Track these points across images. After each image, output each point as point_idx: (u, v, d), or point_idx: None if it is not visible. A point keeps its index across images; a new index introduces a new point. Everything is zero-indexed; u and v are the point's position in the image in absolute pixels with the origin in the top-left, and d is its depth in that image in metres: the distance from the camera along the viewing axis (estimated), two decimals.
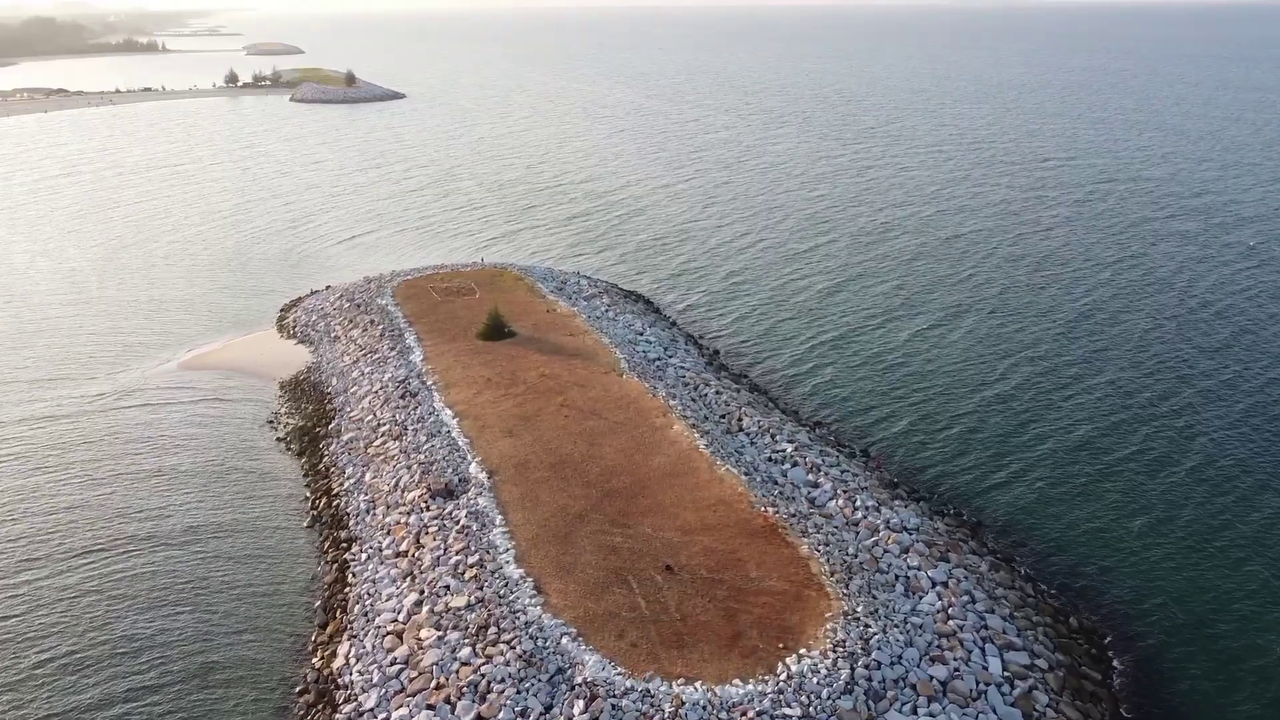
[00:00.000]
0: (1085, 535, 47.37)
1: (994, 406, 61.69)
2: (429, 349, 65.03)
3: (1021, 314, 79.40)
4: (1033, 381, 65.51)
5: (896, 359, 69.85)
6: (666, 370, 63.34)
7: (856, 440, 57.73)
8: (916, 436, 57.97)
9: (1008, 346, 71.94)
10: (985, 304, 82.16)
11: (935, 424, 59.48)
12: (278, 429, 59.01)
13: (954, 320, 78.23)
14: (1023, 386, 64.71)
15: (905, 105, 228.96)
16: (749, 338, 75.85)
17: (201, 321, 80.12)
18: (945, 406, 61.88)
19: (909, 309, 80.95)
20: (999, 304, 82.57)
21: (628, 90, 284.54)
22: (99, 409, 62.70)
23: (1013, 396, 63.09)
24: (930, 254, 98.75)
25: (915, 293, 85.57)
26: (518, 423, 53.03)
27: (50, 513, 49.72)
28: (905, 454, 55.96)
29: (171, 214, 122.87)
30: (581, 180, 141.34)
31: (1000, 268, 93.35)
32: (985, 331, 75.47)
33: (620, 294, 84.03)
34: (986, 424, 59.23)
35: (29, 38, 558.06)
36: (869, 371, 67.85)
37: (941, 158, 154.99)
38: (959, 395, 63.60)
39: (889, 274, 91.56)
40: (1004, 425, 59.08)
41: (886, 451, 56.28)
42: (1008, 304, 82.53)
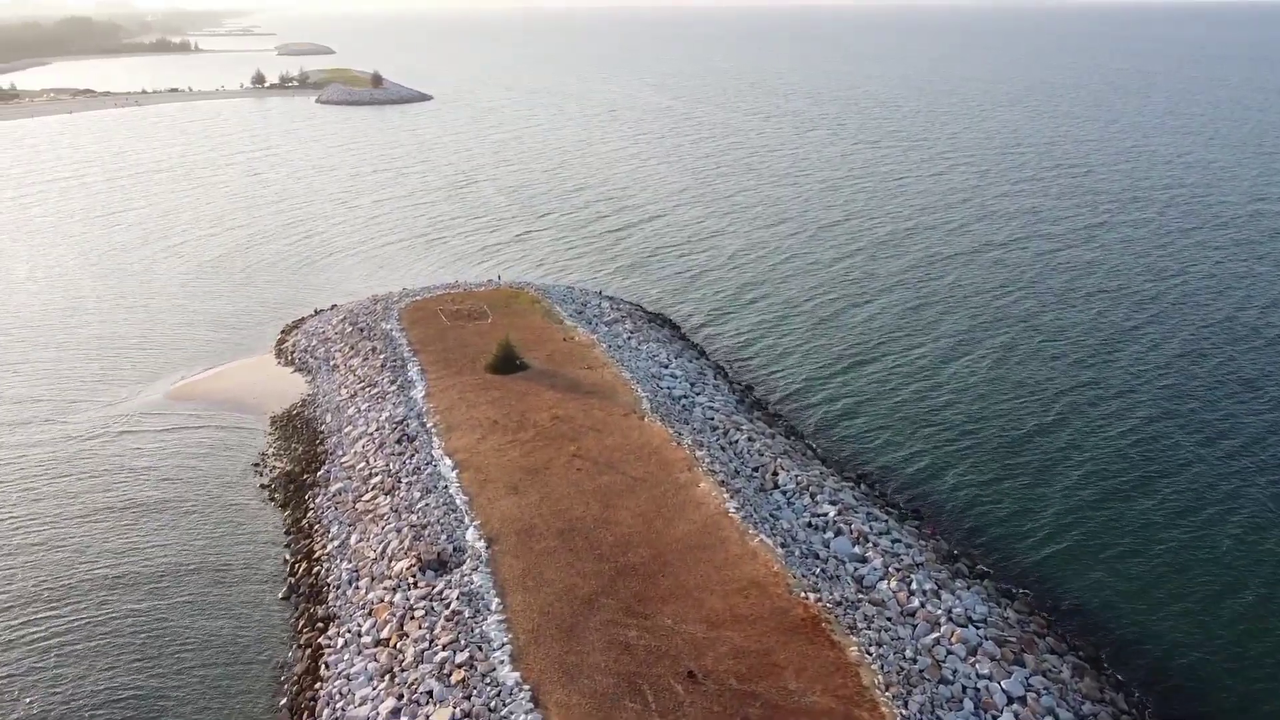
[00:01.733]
0: (1180, 622, 40.62)
1: (1053, 453, 54.89)
2: (433, 383, 59.28)
3: (1074, 338, 72.43)
4: (1098, 424, 58.61)
5: (941, 394, 63.18)
6: (693, 411, 57.17)
7: (904, 495, 51.28)
8: (969, 490, 51.40)
9: (1063, 379, 65.02)
10: (1033, 326, 75.22)
11: (990, 475, 52.86)
12: (263, 474, 53.52)
13: (998, 346, 71.42)
14: (1087, 431, 57.82)
15: (937, 108, 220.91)
16: (780, 367, 69.52)
17: (198, 343, 75.02)
18: (1000, 453, 55.20)
19: (949, 333, 74.18)
20: (1047, 326, 75.69)
21: (653, 92, 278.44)
22: (74, 443, 57.58)
23: (1075, 444, 56.23)
24: (967, 269, 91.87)
25: (955, 314, 78.82)
26: (524, 476, 47.09)
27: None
28: (959, 512, 49.45)
29: (179, 221, 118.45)
30: (603, 186, 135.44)
31: (1044, 283, 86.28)
32: (1035, 360, 68.60)
33: (644, 317, 77.95)
34: (1049, 476, 52.48)
35: (64, 37, 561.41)
36: (911, 409, 61.27)
37: (975, 162, 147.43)
38: (1013, 439, 56.87)
39: (924, 292, 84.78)
40: (1067, 477, 52.34)
41: (938, 510, 49.79)
42: (1058, 325, 75.66)
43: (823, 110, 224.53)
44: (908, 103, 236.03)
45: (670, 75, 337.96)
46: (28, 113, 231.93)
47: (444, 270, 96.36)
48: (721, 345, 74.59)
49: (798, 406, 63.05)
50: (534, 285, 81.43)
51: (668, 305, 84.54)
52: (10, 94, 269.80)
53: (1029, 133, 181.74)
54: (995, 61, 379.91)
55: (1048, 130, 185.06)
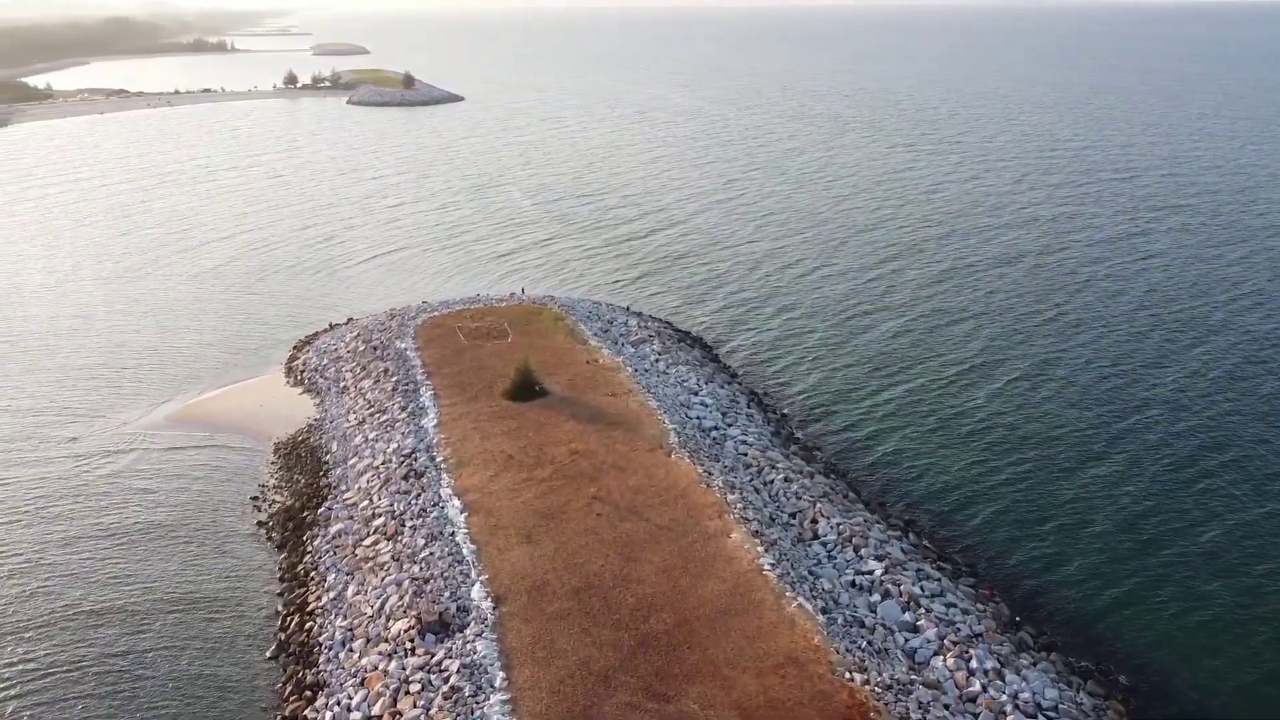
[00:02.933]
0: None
1: (1124, 492, 49.90)
2: (446, 410, 55.37)
3: (1119, 357, 67.26)
4: (1163, 457, 53.44)
5: (983, 421, 58.22)
6: (725, 445, 52.80)
7: (956, 545, 46.59)
8: (1027, 537, 46.58)
9: (1116, 402, 59.78)
10: (1076, 343, 70.09)
11: (1049, 519, 48.01)
12: (261, 508, 49.88)
13: (1039, 365, 66.46)
14: (1153, 465, 52.69)
15: (981, 112, 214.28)
16: (813, 389, 64.99)
17: (206, 358, 71.79)
18: (1055, 492, 50.30)
19: (987, 350, 69.16)
20: (1090, 342, 70.70)
21: (686, 93, 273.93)
22: (65, 465, 54.41)
23: (1149, 492, 51.16)
24: (1004, 280, 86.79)
25: (993, 329, 73.88)
26: (539, 522, 42.97)
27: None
28: (1017, 565, 44.69)
29: (197, 224, 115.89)
30: (631, 190, 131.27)
31: (1084, 296, 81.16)
32: (1081, 381, 63.50)
33: (673, 336, 73.64)
34: (1115, 517, 47.51)
35: (104, 37, 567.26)
36: (954, 440, 56.45)
37: (1021, 172, 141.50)
38: (1067, 474, 51.98)
39: (960, 304, 79.91)
40: (1143, 521, 47.33)
41: (994, 563, 45.06)
42: (1102, 342, 70.72)
43: (857, 112, 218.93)
44: (943, 105, 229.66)
45: (702, 76, 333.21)
46: (60, 113, 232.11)
47: (466, 280, 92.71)
48: (753, 366, 70.18)
49: (835, 437, 58.50)
50: (558, 300, 77.41)
51: (696, 320, 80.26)
52: (45, 94, 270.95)
53: (1066, 136, 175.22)
54: (1030, 63, 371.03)
55: (1085, 133, 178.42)
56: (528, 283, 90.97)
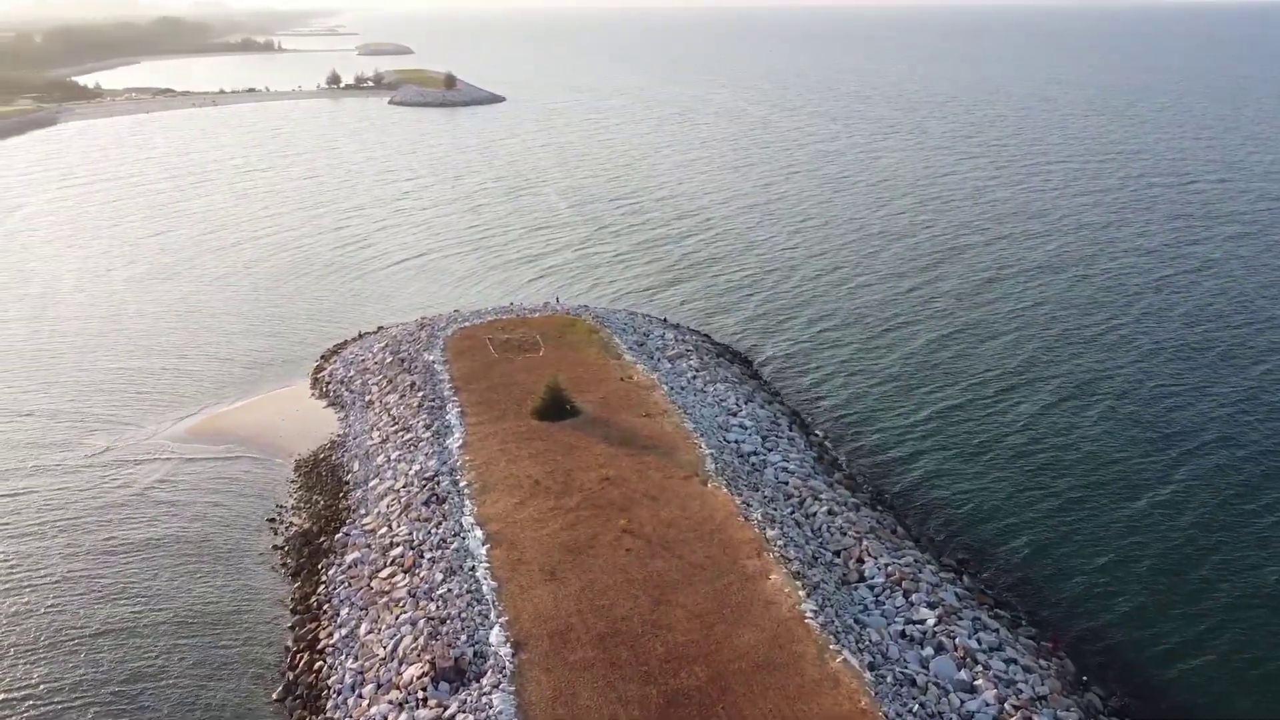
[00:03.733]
0: None
1: (1184, 533, 46.07)
2: (472, 429, 52.95)
3: (1180, 387, 62.98)
4: (1225, 496, 49.45)
5: (1043, 451, 54.58)
6: (764, 472, 49.79)
7: (1015, 589, 43.14)
8: (1086, 580, 43.07)
9: (1187, 437, 55.70)
10: (1145, 370, 65.86)
11: (1103, 553, 44.51)
12: (278, 531, 47.79)
13: (1106, 393, 62.47)
14: (1235, 506, 48.73)
15: (1030, 116, 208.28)
16: (857, 411, 61.67)
17: (233, 366, 70.14)
18: (1112, 524, 46.70)
19: (1048, 374, 65.19)
20: (1161, 370, 66.42)
21: (726, 94, 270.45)
22: (82, 478, 52.87)
23: (1210, 523, 47.25)
24: (1058, 298, 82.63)
25: (1052, 350, 69.90)
26: (564, 557, 40.30)
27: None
28: (1081, 615, 41.16)
29: (231, 226, 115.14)
30: (669, 195, 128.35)
31: (1146, 321, 76.71)
32: (1150, 412, 59.43)
33: (711, 350, 70.67)
34: (1187, 562, 43.75)
35: (154, 36, 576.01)
36: (1011, 469, 52.91)
37: (1068, 176, 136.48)
38: (1122, 505, 48.31)
39: (1015, 323, 75.97)
40: (1200, 566, 43.54)
41: (1056, 611, 41.57)
42: (1161, 371, 66.33)
43: (899, 114, 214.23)
44: (988, 107, 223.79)
45: (744, 77, 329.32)
46: (106, 112, 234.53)
47: (499, 285, 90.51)
48: (791, 380, 67.06)
49: (877, 460, 55.25)
50: (592, 311, 74.76)
51: (732, 330, 77.30)
52: (94, 93, 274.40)
53: (1114, 139, 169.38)
54: (1076, 64, 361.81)
55: (1135, 137, 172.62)
56: (562, 288, 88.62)
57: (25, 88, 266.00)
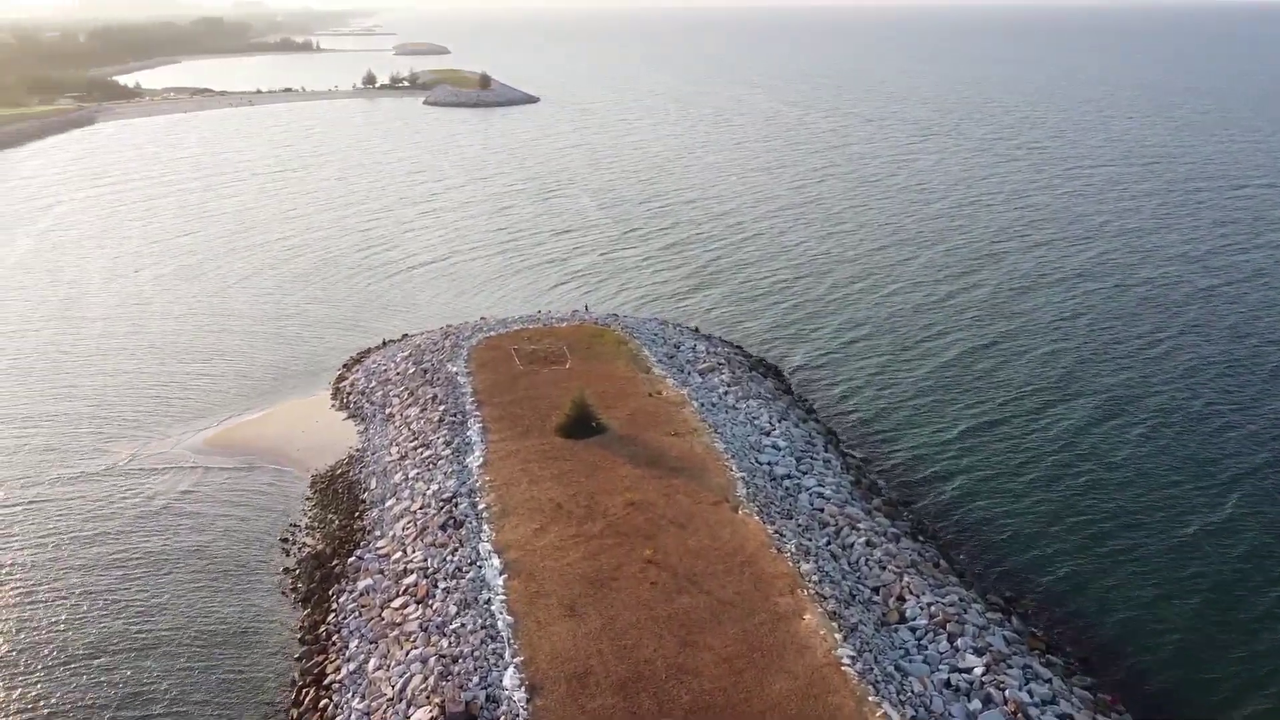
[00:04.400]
0: None
1: (1250, 565, 42.81)
2: (493, 446, 50.88)
3: (1232, 403, 59.45)
4: None
5: (1088, 474, 51.43)
6: (798, 498, 47.24)
7: (1068, 633, 40.24)
8: (1142, 622, 40.04)
9: (1241, 457, 52.22)
10: (1195, 387, 62.35)
11: (1157, 588, 41.48)
12: (290, 552, 46.00)
13: (1153, 409, 59.02)
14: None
15: (1071, 117, 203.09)
16: (894, 428, 58.90)
17: (254, 373, 68.70)
18: (1167, 555, 43.59)
19: (1092, 389, 61.85)
20: (1212, 386, 62.87)
21: (761, 94, 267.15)
22: (94, 488, 51.52)
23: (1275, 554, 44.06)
24: (1101, 307, 79.46)
25: (1089, 362, 67.04)
26: (585, 590, 38.05)
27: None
28: (1133, 656, 38.24)
29: (260, 226, 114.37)
30: (702, 198, 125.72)
31: (1194, 331, 73.16)
32: (1203, 429, 56.06)
33: (743, 363, 68.11)
34: (1250, 600, 40.59)
35: (195, 36, 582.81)
36: (1057, 495, 49.89)
37: (1113, 182, 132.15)
38: (1177, 534, 45.24)
39: (1058, 335, 72.73)
40: (1268, 600, 40.42)
41: (1109, 655, 38.65)
42: (1210, 386, 63.04)
43: (938, 116, 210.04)
44: (1028, 108, 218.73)
45: (780, 78, 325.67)
46: (144, 111, 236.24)
47: (527, 291, 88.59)
48: (827, 398, 64.33)
49: (919, 488, 52.39)
50: (622, 321, 72.49)
51: (764, 341, 74.75)
52: (133, 92, 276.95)
53: (1158, 142, 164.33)
54: (1118, 64, 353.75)
55: (1179, 139, 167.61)
56: (590, 294, 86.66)
57: (67, 87, 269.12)
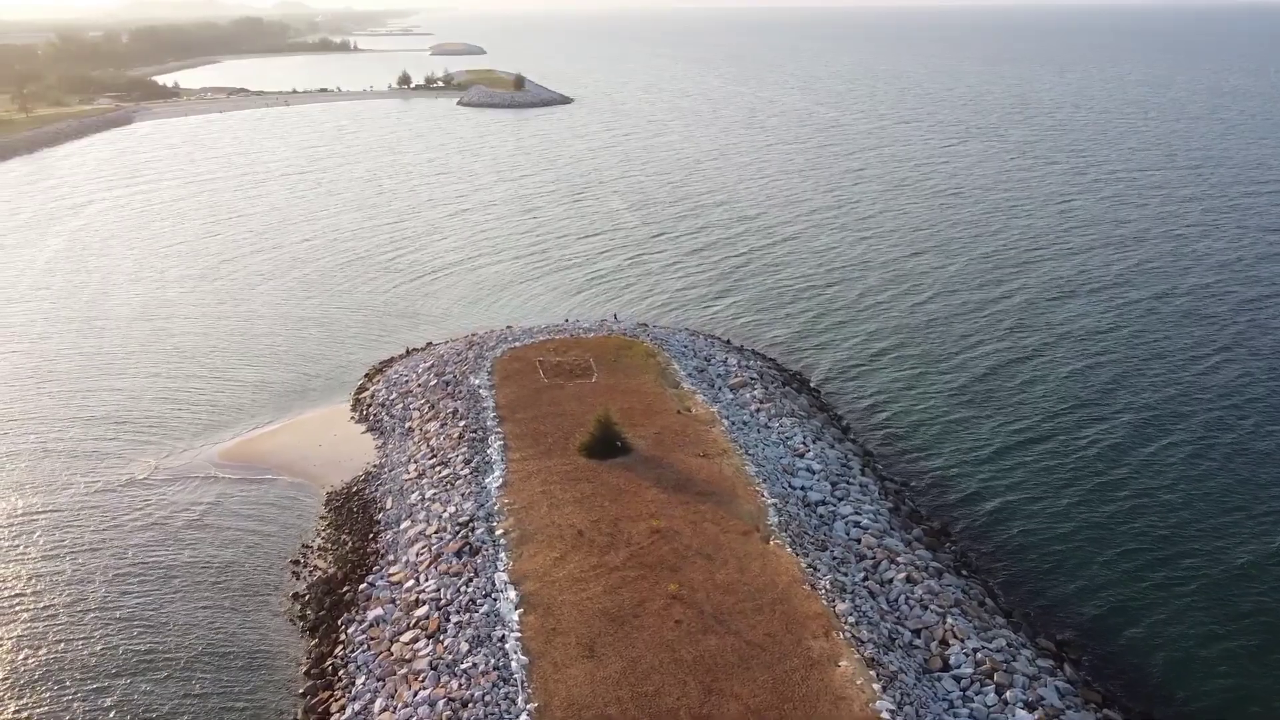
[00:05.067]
0: None
1: None
2: (514, 466, 48.78)
3: None
4: None
5: (1148, 507, 48.21)
6: (834, 526, 44.64)
7: (1124, 680, 37.30)
8: (1212, 675, 36.94)
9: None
10: (1243, 405, 58.67)
11: (1227, 637, 38.25)
12: (301, 575, 44.17)
13: (1200, 428, 55.64)
14: None
15: (1114, 119, 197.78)
16: (934, 449, 56.10)
17: (273, 383, 67.16)
18: (1237, 600, 40.29)
19: (1141, 413, 58.56)
20: (1262, 405, 59.24)
21: (796, 96, 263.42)
22: (101, 501, 50.08)
23: None
24: (1146, 319, 75.83)
25: (1146, 383, 63.29)
26: (605, 629, 35.76)
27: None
28: (1201, 713, 35.24)
29: (287, 228, 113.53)
30: (734, 202, 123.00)
31: (1244, 346, 69.40)
32: (1252, 454, 52.68)
33: (776, 378, 65.46)
34: None
35: (235, 36, 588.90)
36: (1108, 524, 46.83)
37: (1157, 186, 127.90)
38: (1247, 577, 41.83)
39: (1099, 347, 69.40)
40: None
41: (1165, 708, 35.69)
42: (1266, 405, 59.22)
43: (978, 118, 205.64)
44: (1072, 110, 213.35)
45: (816, 79, 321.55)
46: (181, 111, 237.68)
47: (555, 296, 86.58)
48: (862, 415, 61.57)
49: (960, 513, 49.53)
50: (651, 332, 70.16)
51: (798, 353, 72.11)
52: (171, 91, 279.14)
53: (1209, 145, 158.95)
54: (1163, 64, 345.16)
55: (1231, 143, 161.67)
56: (619, 299, 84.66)
57: (107, 87, 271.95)
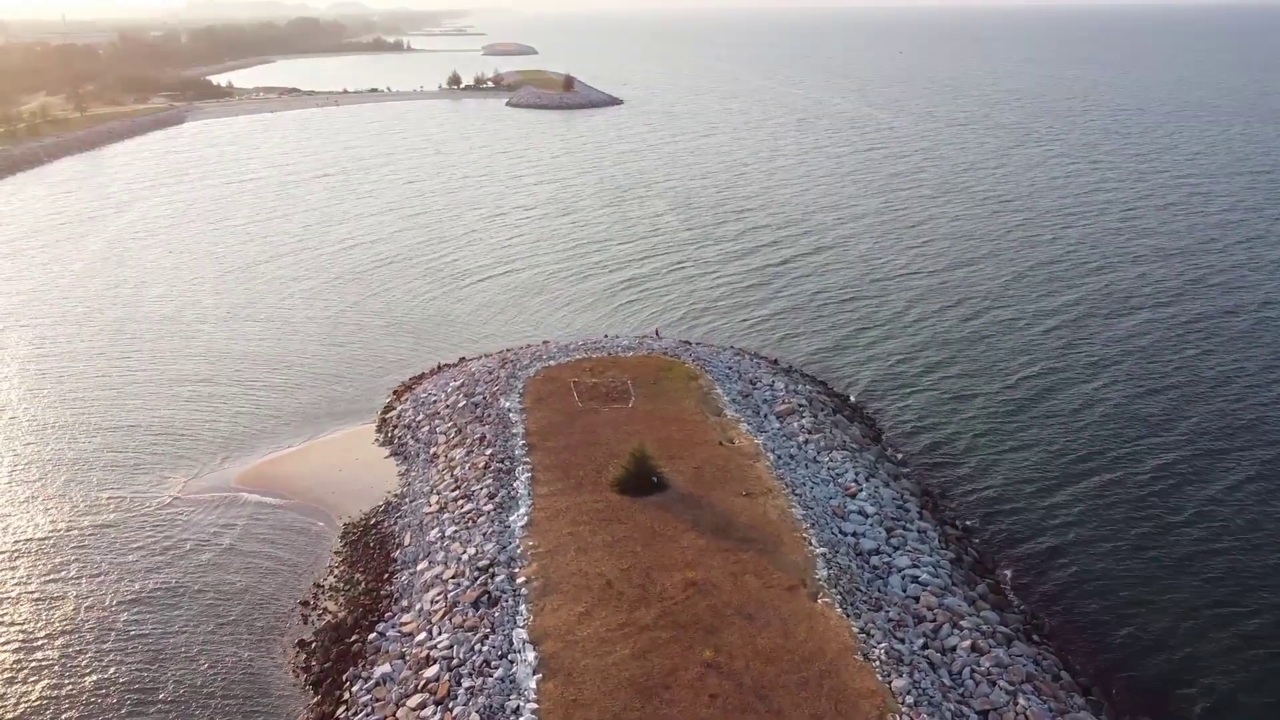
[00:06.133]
0: None
1: None
2: (541, 502, 45.27)
3: None
4: None
5: (1231, 569, 43.14)
6: (889, 581, 40.42)
7: None
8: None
9: None
10: None
11: None
12: (309, 619, 41.08)
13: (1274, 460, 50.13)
14: None
15: (1186, 125, 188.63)
16: (995, 486, 51.67)
17: (300, 401, 64.51)
18: None
19: (1223, 457, 53.07)
20: None
21: (847, 98, 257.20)
22: (116, 527, 47.68)
23: None
24: (1238, 353, 69.25)
25: (1222, 422, 57.60)
26: (632, 701, 32.03)
27: None
28: None
29: (324, 232, 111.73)
30: (783, 208, 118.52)
31: None
32: None
33: (826, 404, 61.15)
34: None
35: (292, 36, 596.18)
36: (1199, 588, 41.87)
37: (1221, 194, 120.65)
38: None
39: (1176, 378, 63.78)
40: None
41: None
42: None
43: (1036, 121, 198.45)
44: (1138, 114, 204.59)
45: (870, 80, 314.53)
46: (232, 111, 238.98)
47: (595, 307, 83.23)
48: (917, 447, 57.14)
49: (1032, 568, 44.89)
50: (693, 351, 66.25)
51: (848, 375, 67.82)
52: (225, 91, 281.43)
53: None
54: (1230, 68, 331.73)
55: None
56: (661, 310, 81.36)
57: (162, 86, 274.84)
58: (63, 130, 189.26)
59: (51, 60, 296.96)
